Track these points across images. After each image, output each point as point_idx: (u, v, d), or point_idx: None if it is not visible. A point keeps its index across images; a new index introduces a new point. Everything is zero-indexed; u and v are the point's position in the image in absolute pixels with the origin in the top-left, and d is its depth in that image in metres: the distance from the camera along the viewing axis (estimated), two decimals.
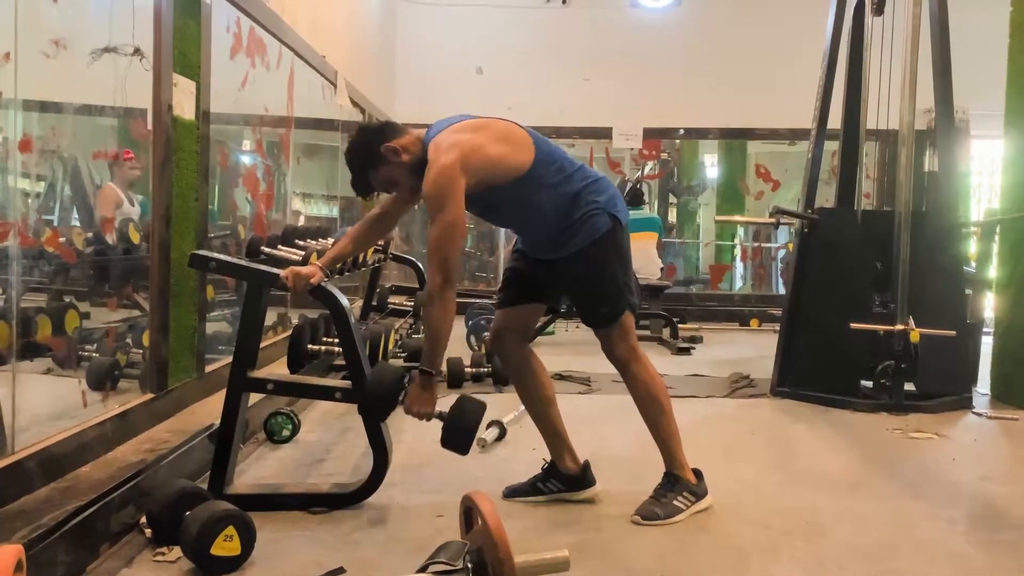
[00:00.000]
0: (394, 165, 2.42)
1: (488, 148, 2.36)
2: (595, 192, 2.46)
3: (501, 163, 2.37)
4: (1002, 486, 2.99)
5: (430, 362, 2.40)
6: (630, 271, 2.57)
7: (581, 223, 2.43)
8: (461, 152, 2.28)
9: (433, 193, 2.27)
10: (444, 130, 2.39)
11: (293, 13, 4.50)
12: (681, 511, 2.49)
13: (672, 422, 2.59)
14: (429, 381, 2.41)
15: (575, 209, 2.43)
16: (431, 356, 2.40)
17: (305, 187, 6.65)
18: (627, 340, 2.53)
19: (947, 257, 4.40)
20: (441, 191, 2.26)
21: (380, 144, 2.41)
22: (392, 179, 2.45)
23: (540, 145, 2.46)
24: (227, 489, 2.45)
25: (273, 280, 2.51)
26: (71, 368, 2.73)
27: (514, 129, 2.47)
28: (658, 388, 2.58)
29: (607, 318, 2.51)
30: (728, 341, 6.75)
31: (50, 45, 2.46)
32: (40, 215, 3.02)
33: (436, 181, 2.26)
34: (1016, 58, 4.38)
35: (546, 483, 2.65)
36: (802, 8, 7.40)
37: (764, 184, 8.73)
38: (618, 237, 2.49)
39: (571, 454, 2.67)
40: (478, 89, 8.27)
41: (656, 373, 2.61)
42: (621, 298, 2.50)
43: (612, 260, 2.49)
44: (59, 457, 2.29)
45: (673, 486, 2.54)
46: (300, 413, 3.43)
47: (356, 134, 2.55)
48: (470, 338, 5.60)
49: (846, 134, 4.72)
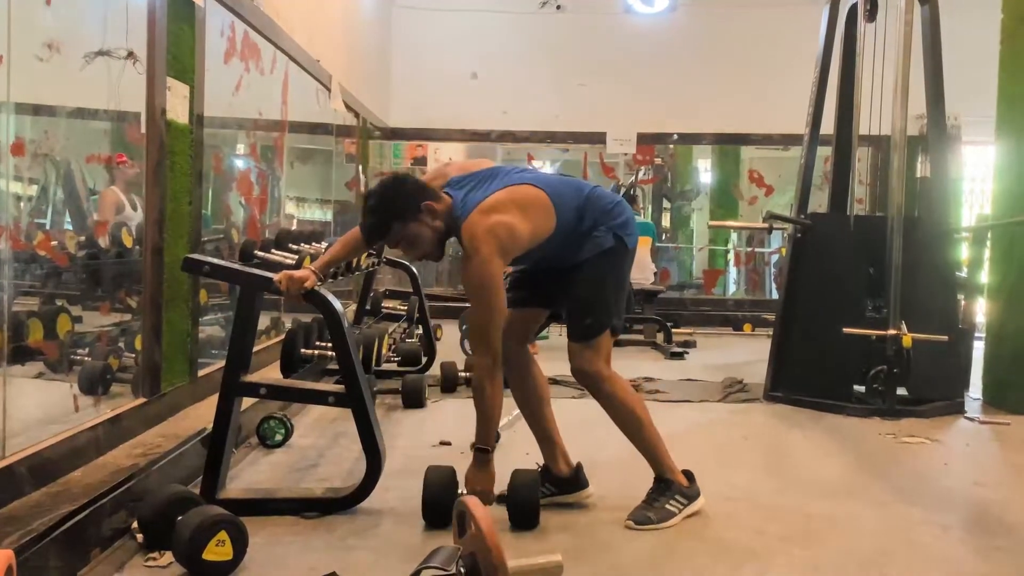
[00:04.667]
0: (425, 226, 2.41)
1: (519, 228, 2.37)
2: (609, 216, 2.51)
3: (532, 239, 2.43)
4: (995, 491, 3.00)
5: (485, 439, 2.45)
6: (623, 296, 2.61)
7: (589, 241, 2.50)
8: (499, 243, 2.33)
9: (477, 283, 2.35)
10: (474, 210, 2.37)
11: (288, 17, 4.50)
12: (674, 515, 2.50)
13: (653, 431, 2.58)
14: (486, 458, 2.45)
15: (586, 239, 2.50)
16: (486, 434, 2.45)
17: (299, 191, 6.65)
18: (599, 359, 2.54)
19: (939, 262, 4.42)
20: (484, 281, 2.34)
21: (422, 201, 2.39)
22: (417, 238, 2.43)
23: (558, 203, 2.46)
24: (219, 494, 2.44)
25: (266, 284, 2.51)
26: (63, 372, 2.72)
27: (537, 195, 2.45)
28: (633, 402, 2.59)
29: (588, 331, 2.53)
30: (721, 346, 6.76)
31: (43, 48, 2.45)
32: (33, 219, 3.01)
33: (480, 273, 2.33)
34: (1007, 65, 4.41)
35: (541, 487, 2.64)
36: (795, 15, 7.44)
37: (758, 189, 8.76)
38: (619, 257, 2.53)
39: (564, 457, 2.69)
40: (473, 94, 8.30)
41: (629, 388, 2.62)
42: (607, 315, 2.52)
43: (608, 276, 2.53)
44: (50, 462, 2.28)
45: (665, 490, 2.54)
46: (293, 417, 3.42)
47: (392, 181, 2.49)
48: (464, 343, 5.59)
49: (839, 140, 4.75)
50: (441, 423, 3.73)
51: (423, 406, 4.02)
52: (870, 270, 4.32)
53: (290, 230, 4.37)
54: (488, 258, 2.31)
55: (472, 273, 2.36)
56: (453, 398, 4.29)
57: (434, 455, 2.44)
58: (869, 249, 4.31)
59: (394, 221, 2.40)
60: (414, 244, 2.45)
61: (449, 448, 3.26)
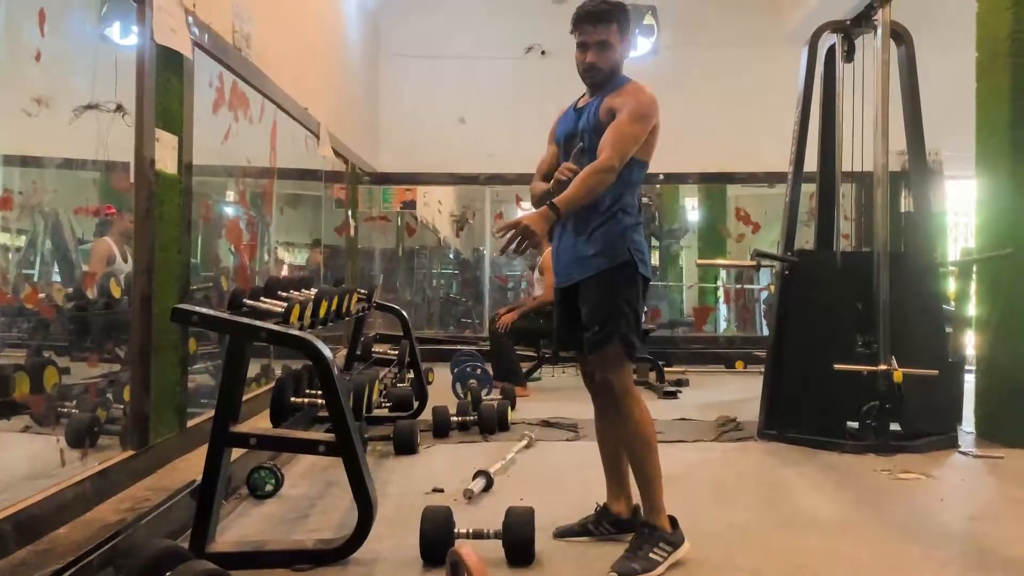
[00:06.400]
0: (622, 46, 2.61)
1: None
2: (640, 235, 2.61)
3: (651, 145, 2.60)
4: (992, 526, 2.99)
5: (566, 204, 2.43)
6: (638, 315, 2.58)
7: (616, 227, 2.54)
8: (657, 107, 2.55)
9: (649, 109, 2.53)
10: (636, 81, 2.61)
11: (277, 67, 4.56)
12: (659, 563, 2.43)
13: (657, 465, 2.56)
14: (553, 216, 2.42)
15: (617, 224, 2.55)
16: (572, 201, 2.44)
17: (289, 236, 6.66)
18: (622, 373, 2.55)
19: (927, 296, 4.45)
20: (652, 111, 2.53)
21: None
22: (613, 48, 2.58)
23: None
24: (209, 547, 2.39)
25: (256, 334, 2.50)
26: (49, 425, 2.69)
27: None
28: (648, 428, 2.56)
29: (597, 342, 2.53)
30: (714, 384, 6.75)
31: (31, 103, 2.47)
32: (20, 270, 3.00)
33: (653, 104, 2.54)
34: (984, 102, 4.50)
35: (598, 526, 2.70)
36: (775, 55, 7.60)
37: (744, 226, 8.82)
38: (635, 277, 2.56)
39: (627, 501, 2.71)
40: (461, 138, 8.38)
41: (649, 416, 2.58)
42: (616, 324, 2.51)
43: (622, 291, 2.54)
44: (36, 518, 2.23)
45: (649, 537, 2.48)
46: (284, 467, 3.38)
47: None
48: (456, 386, 5.56)
49: (822, 177, 4.81)
50: (433, 469, 3.69)
51: (415, 452, 3.99)
52: (858, 305, 4.34)
53: (279, 277, 4.36)
54: (655, 103, 2.53)
55: (651, 101, 2.53)
56: (445, 443, 4.25)
57: (427, 502, 2.41)
58: (857, 284, 4.34)
59: (623, 16, 2.58)
60: (606, 51, 2.57)
61: (442, 495, 3.22)
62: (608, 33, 2.55)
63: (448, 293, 9.99)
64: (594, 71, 2.60)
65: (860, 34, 4.59)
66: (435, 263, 10.19)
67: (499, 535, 2.48)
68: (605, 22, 2.55)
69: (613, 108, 2.53)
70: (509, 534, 2.46)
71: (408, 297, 9.55)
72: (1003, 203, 4.38)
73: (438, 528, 2.46)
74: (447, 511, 2.52)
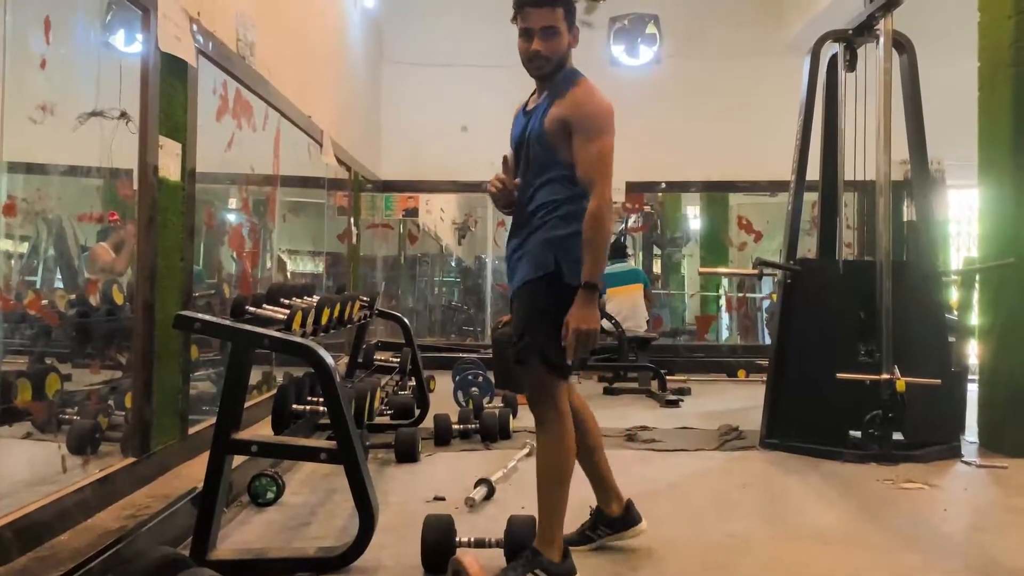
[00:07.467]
0: (569, 34, 2.43)
1: None
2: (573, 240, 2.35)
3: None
4: (995, 536, 2.97)
5: (596, 274, 2.28)
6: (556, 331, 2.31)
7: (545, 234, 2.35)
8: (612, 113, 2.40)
9: (604, 122, 2.36)
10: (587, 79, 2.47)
11: (280, 75, 4.57)
12: None
13: (564, 497, 2.33)
14: (595, 295, 2.29)
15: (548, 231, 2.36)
16: (597, 269, 2.29)
17: (291, 244, 6.67)
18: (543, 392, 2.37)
19: (929, 305, 4.44)
20: (607, 123, 2.37)
21: None
22: (561, 35, 2.41)
23: None
24: (210, 555, 2.39)
25: (258, 341, 2.50)
26: (51, 432, 2.69)
27: None
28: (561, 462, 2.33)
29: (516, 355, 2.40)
30: (716, 392, 6.74)
31: (36, 110, 2.48)
32: (23, 276, 3.01)
33: (607, 115, 2.37)
34: (986, 111, 4.50)
35: (595, 530, 2.67)
36: (777, 64, 7.62)
37: (747, 235, 8.83)
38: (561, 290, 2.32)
39: (618, 499, 2.69)
40: (463, 146, 8.39)
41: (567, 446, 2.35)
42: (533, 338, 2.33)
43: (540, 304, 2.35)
44: (37, 525, 2.23)
45: (529, 561, 2.29)
46: (285, 474, 3.37)
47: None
48: (457, 394, 5.56)
49: (825, 185, 4.81)
50: (435, 477, 3.68)
51: (417, 460, 3.98)
52: (861, 314, 4.33)
53: (282, 285, 4.37)
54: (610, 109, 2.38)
55: (602, 105, 2.37)
56: (447, 451, 4.25)
57: (428, 510, 2.40)
58: (859, 293, 4.33)
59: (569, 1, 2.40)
60: (553, 38, 2.39)
61: (444, 503, 3.21)
62: (554, 18, 2.37)
63: (450, 301, 10.01)
64: (539, 60, 2.41)
65: (862, 43, 4.60)
66: (437, 271, 10.21)
67: (500, 544, 2.47)
68: (550, 5, 2.36)
69: (563, 120, 2.35)
70: (510, 542, 2.45)
71: (410, 305, 9.56)
72: (1006, 212, 4.38)
73: (439, 536, 2.45)
74: (448, 519, 2.51)
